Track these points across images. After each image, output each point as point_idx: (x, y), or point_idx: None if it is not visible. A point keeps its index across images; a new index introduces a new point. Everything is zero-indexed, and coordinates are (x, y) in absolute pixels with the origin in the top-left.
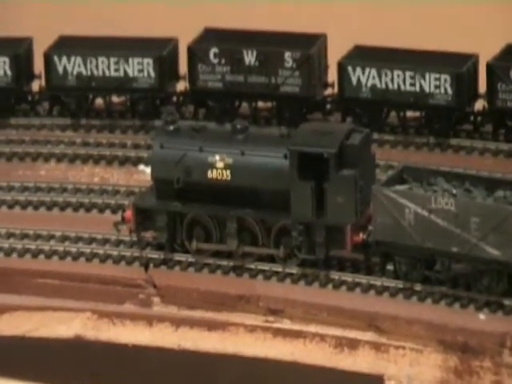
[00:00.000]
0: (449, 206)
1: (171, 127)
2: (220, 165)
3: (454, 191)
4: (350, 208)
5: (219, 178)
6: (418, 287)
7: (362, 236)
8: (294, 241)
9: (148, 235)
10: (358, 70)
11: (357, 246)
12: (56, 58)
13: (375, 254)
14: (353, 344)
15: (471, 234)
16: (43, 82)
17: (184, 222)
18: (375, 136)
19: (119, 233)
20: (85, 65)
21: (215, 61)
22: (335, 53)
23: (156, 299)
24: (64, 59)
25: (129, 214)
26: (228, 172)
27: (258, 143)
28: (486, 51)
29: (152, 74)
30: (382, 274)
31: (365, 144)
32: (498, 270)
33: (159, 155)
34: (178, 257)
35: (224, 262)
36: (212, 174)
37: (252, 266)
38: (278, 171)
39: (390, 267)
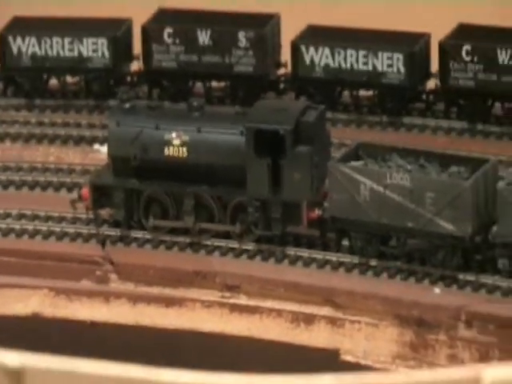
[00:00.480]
0: (404, 182)
1: (127, 105)
2: (176, 142)
3: (409, 167)
4: (306, 184)
5: (176, 155)
6: (373, 262)
7: (317, 212)
8: (250, 217)
9: (105, 212)
10: (312, 49)
11: (313, 223)
12: (10, 39)
13: (331, 230)
14: (309, 319)
15: (426, 210)
16: None
17: (141, 199)
18: (328, 115)
19: (76, 210)
20: (39, 45)
21: (169, 41)
22: (288, 33)
23: (113, 276)
24: (18, 40)
25: (85, 191)
26: (184, 149)
27: (214, 120)
28: (438, 31)
29: (106, 54)
30: (338, 250)
31: (320, 121)
32: (452, 244)
33: (115, 133)
34: (135, 234)
35: (181, 239)
36: (169, 152)
37: (208, 243)
38: (234, 148)
39: (345, 243)
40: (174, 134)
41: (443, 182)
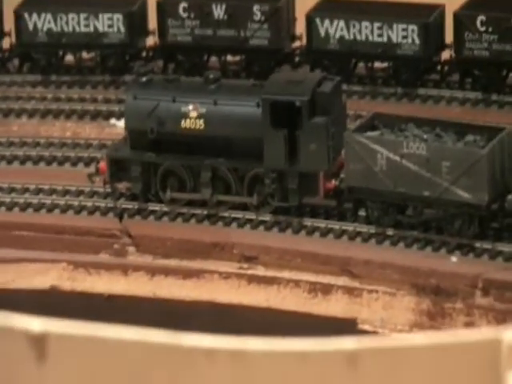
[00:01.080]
0: (420, 151)
1: (144, 79)
2: (193, 114)
3: (425, 136)
4: (322, 155)
5: (192, 127)
6: (390, 232)
7: (334, 183)
8: (267, 188)
9: (122, 186)
10: (326, 21)
11: (329, 193)
12: (26, 15)
13: (347, 200)
14: (326, 289)
15: (442, 178)
16: (13, 40)
17: (158, 172)
18: (344, 87)
19: (93, 184)
20: (55, 21)
21: (184, 15)
22: (303, 6)
23: (131, 249)
24: (34, 16)
25: (103, 165)
26: (201, 121)
27: (230, 92)
28: (453, 1)
29: (122, 29)
30: (355, 220)
31: (336, 92)
32: (469, 213)
33: (132, 106)
34: (153, 207)
35: (198, 211)
36: (185, 124)
37: (226, 214)
38: (251, 120)
39: (362, 213)
40: (190, 107)
41: (459, 151)
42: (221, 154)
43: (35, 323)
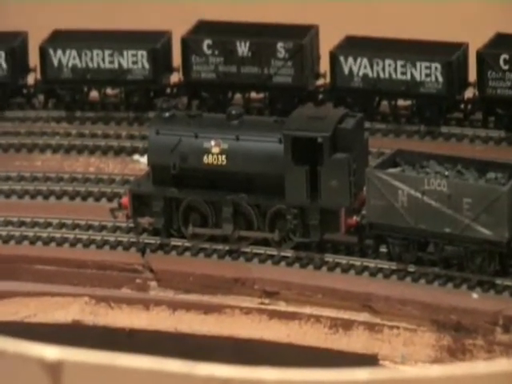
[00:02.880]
0: (441, 188)
1: (167, 114)
2: (215, 150)
3: (447, 173)
4: (343, 191)
5: (215, 163)
6: (411, 268)
7: (355, 219)
8: (288, 224)
9: (144, 221)
10: (350, 59)
11: (351, 229)
12: (51, 51)
13: (369, 236)
14: (347, 325)
15: (463, 215)
16: (38, 75)
17: (180, 207)
18: (367, 125)
19: (116, 219)
20: (80, 57)
21: (208, 52)
22: (327, 44)
23: (153, 283)
24: (59, 52)
25: (125, 200)
26: (223, 157)
27: (252, 128)
28: (476, 40)
29: (146, 65)
30: (376, 256)
31: (358, 128)
32: (489, 249)
33: (155, 141)
34: (175, 242)
35: (219, 247)
36: (207, 160)
37: (247, 250)
38: (273, 156)
39: (383, 249)
40: (212, 143)
41: (480, 188)
42: (243, 190)
43: (50, 351)
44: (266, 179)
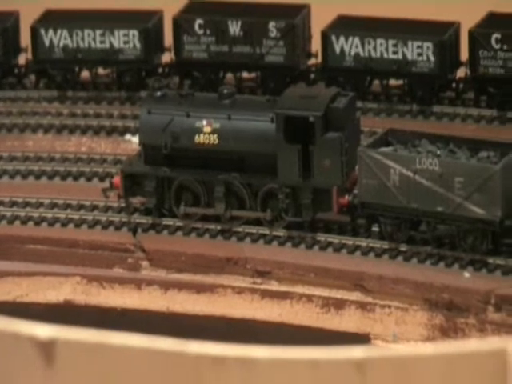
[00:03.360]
0: (433, 167)
1: (158, 93)
2: (207, 129)
3: (438, 152)
4: (336, 170)
5: (206, 142)
6: (403, 247)
7: (347, 198)
8: (280, 204)
9: (136, 201)
10: (342, 39)
11: (343, 209)
12: (42, 31)
13: (361, 215)
14: (339, 304)
15: (455, 194)
16: (30, 55)
17: (172, 186)
18: (359, 104)
19: (107, 198)
20: (71, 37)
21: (200, 32)
22: (318, 23)
23: (144, 263)
24: (50, 32)
25: (117, 179)
26: (215, 136)
27: (244, 108)
28: (468, 19)
29: (138, 45)
30: (368, 236)
31: (350, 107)
32: (482, 229)
33: (147, 121)
34: (166, 221)
35: (211, 226)
36: (199, 139)
37: (239, 229)
38: (265, 135)
39: (375, 228)
40: (204, 122)
41: (472, 167)
42: (235, 169)
43: (42, 330)
44: (258, 158)
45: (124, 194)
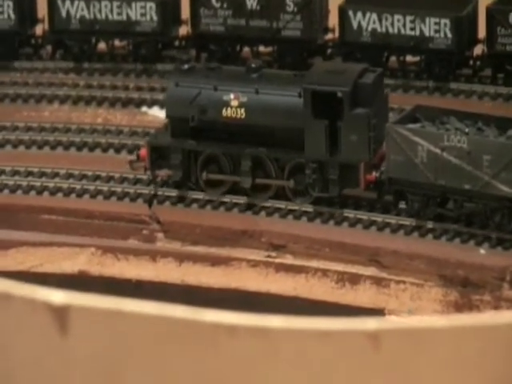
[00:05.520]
0: (461, 144)
1: (186, 66)
2: (234, 103)
3: (467, 129)
4: (363, 146)
5: (233, 116)
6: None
7: (375, 174)
8: (307, 179)
9: (162, 173)
10: (359, 14)
11: (370, 185)
12: (59, 2)
13: (388, 192)
14: (354, 279)
15: (483, 172)
16: (46, 26)
17: (198, 160)
18: None
19: (134, 171)
20: (88, 8)
21: (217, 5)
22: None
23: (160, 235)
24: (67, 3)
25: (143, 152)
26: (242, 110)
27: (272, 82)
28: None
29: (155, 17)
30: (397, 213)
31: (378, 83)
32: (509, 207)
33: (174, 93)
34: (182, 193)
35: (227, 199)
36: (226, 113)
37: (255, 202)
38: (292, 110)
39: (402, 205)
40: (232, 95)
41: (501, 145)
42: (262, 143)
43: (57, 295)
44: (285, 133)
45: (150, 166)
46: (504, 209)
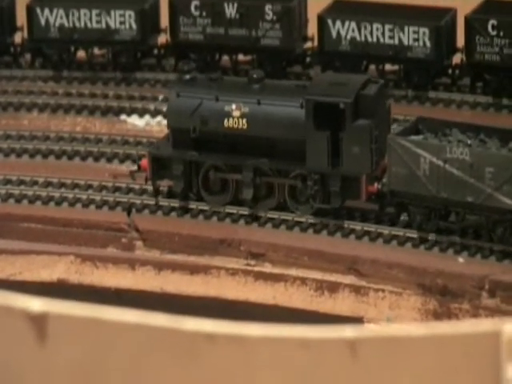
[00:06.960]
0: (464, 156)
1: (187, 76)
2: (236, 114)
3: (469, 141)
4: (365, 158)
5: (235, 127)
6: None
7: (376, 186)
8: (309, 190)
9: (164, 184)
10: (338, 23)
11: (371, 196)
12: (38, 10)
13: (390, 203)
14: (333, 287)
15: (486, 184)
16: (25, 35)
17: (200, 171)
18: None
19: (135, 181)
20: (67, 17)
21: (196, 13)
22: (315, 6)
23: (139, 243)
24: (46, 11)
25: (145, 162)
26: (244, 121)
27: (274, 92)
28: (465, 5)
29: (134, 26)
30: (396, 224)
31: (380, 95)
32: (511, 220)
33: (175, 104)
34: (161, 202)
35: (205, 207)
36: (228, 123)
37: (234, 211)
38: (294, 121)
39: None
40: (233, 106)
41: (503, 157)
42: (263, 154)
43: (35, 303)
44: (287, 144)
45: (151, 176)
46: (506, 221)
